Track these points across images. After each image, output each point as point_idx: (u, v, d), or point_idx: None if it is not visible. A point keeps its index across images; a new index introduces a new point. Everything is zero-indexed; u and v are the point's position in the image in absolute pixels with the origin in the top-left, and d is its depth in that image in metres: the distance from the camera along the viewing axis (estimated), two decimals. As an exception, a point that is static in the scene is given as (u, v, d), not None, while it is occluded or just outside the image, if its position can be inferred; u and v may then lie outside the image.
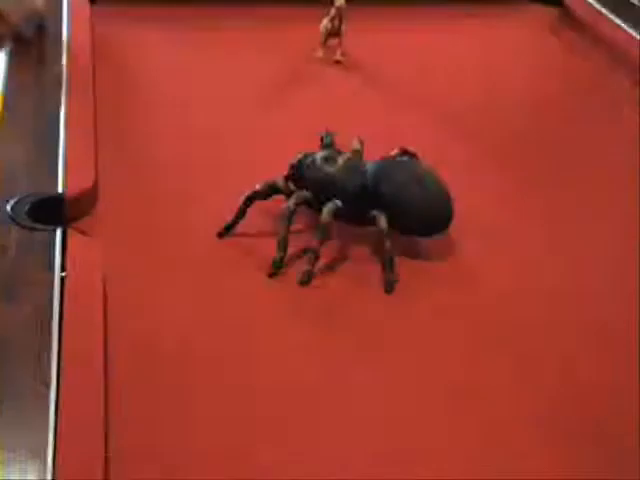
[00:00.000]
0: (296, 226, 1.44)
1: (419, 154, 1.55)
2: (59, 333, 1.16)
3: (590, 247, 1.51)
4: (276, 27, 2.15)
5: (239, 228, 1.47)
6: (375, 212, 1.43)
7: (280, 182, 1.49)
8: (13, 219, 1.37)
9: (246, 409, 1.16)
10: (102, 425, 1.06)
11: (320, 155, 1.50)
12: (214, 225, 1.47)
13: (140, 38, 2.08)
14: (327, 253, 1.44)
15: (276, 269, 1.40)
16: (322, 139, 1.58)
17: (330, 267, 1.43)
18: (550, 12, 2.32)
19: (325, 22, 2.05)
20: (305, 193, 1.46)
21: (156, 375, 1.19)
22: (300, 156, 1.51)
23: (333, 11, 2.02)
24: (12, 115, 1.64)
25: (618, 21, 2.14)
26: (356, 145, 1.56)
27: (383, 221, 1.41)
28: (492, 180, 1.68)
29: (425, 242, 1.48)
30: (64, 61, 1.81)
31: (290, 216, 1.42)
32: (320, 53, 2.05)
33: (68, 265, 1.28)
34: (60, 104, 1.66)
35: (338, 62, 2.04)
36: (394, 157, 1.54)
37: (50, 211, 1.40)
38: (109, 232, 1.43)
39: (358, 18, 2.01)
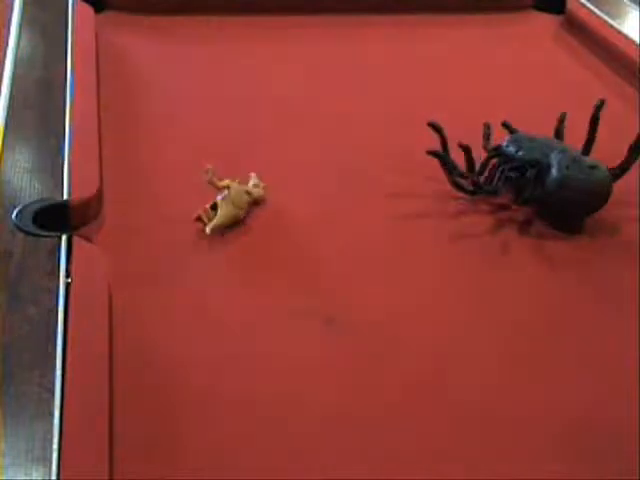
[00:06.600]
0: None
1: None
2: (63, 339, 1.16)
3: None
4: (283, 37, 2.16)
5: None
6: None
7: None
8: (18, 226, 1.37)
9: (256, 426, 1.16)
10: (106, 432, 1.06)
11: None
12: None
13: (145, 47, 2.09)
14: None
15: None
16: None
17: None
18: (553, 20, 2.32)
19: None
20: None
21: (161, 382, 1.20)
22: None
23: None
24: (17, 122, 1.64)
25: (621, 28, 2.14)
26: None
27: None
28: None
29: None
30: (69, 69, 1.82)
31: (500, 176, 1.53)
32: None
33: (73, 272, 1.29)
34: (65, 111, 1.67)
35: None
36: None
37: (55, 218, 1.41)
38: (114, 239, 1.44)
39: (358, 27, 2.01)
